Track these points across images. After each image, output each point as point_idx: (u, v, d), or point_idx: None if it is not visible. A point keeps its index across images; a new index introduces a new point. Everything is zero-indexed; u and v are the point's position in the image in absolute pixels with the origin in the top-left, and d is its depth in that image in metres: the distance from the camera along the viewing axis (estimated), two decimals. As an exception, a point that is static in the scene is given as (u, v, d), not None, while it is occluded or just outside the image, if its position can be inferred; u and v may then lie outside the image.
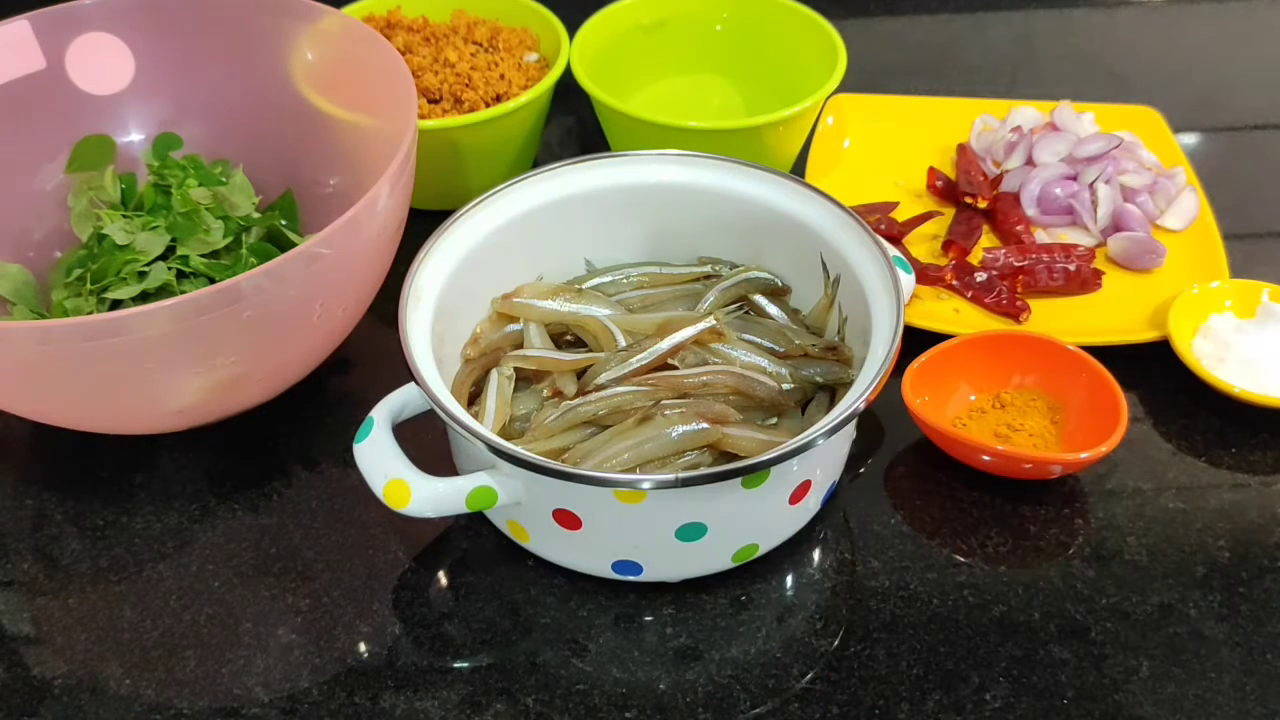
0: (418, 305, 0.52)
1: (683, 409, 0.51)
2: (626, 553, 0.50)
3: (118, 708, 0.48)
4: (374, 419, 0.48)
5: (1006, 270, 0.67)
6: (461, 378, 0.55)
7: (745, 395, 0.53)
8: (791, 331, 0.57)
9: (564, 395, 0.53)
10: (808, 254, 0.57)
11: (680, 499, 0.47)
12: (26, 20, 0.62)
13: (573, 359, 0.54)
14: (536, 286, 0.57)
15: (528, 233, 0.58)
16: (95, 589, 0.53)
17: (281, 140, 0.67)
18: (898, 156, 0.77)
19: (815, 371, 0.55)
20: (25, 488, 0.58)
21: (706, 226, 0.60)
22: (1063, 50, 0.92)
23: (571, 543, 0.50)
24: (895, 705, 0.48)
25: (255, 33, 0.65)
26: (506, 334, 0.57)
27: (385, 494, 0.46)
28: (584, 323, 0.56)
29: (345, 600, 0.52)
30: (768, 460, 0.45)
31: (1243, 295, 0.63)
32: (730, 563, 0.51)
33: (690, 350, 0.54)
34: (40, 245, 0.64)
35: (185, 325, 0.46)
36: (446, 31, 0.75)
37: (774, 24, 0.77)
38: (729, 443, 0.50)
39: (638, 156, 0.59)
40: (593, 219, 0.60)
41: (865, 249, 0.54)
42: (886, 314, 0.51)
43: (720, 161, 0.58)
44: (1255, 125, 0.83)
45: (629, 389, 0.52)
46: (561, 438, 0.51)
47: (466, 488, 0.47)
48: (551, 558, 0.52)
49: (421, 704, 0.48)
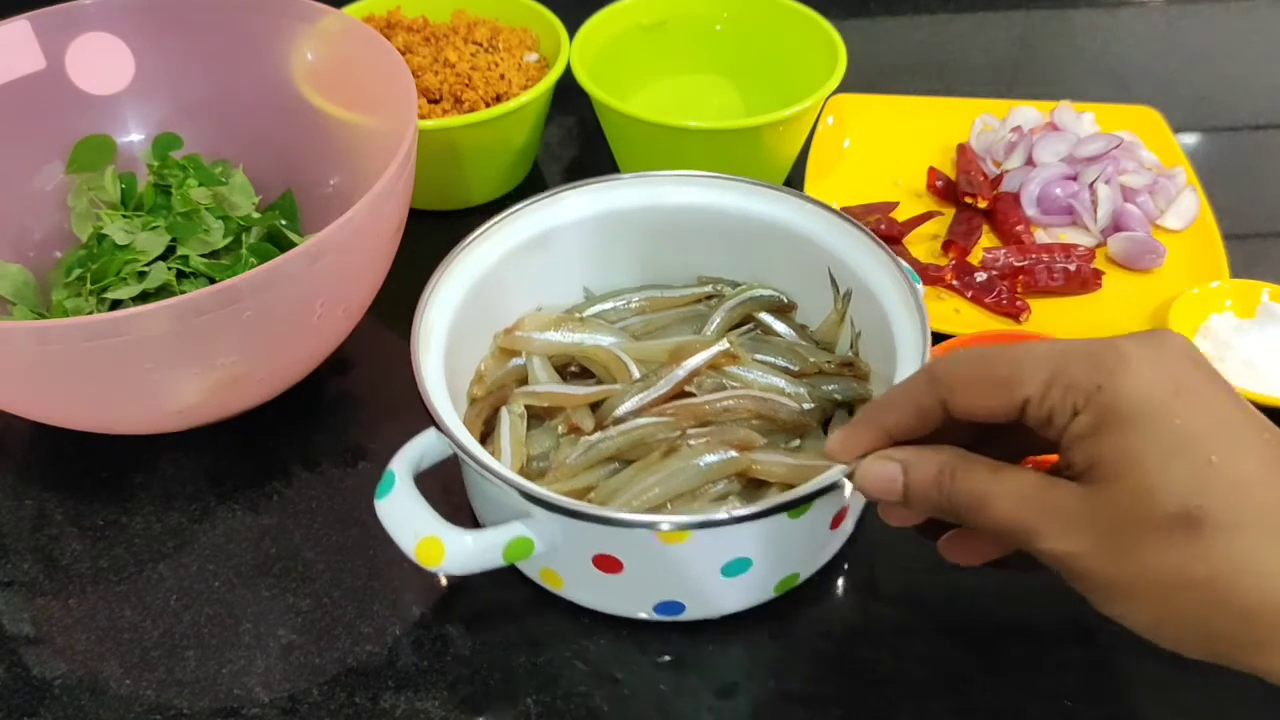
0: (428, 347, 0.50)
1: (708, 438, 0.49)
2: (669, 593, 0.48)
3: (118, 708, 0.48)
4: (394, 473, 0.45)
5: (1006, 270, 0.67)
6: (470, 418, 0.52)
7: (768, 419, 0.51)
8: (803, 349, 0.56)
9: (581, 431, 0.51)
10: (809, 267, 0.56)
11: (726, 535, 0.45)
12: (26, 20, 0.62)
13: (586, 393, 0.53)
14: (538, 318, 0.56)
15: (524, 264, 0.56)
16: (95, 589, 0.53)
17: (281, 140, 0.66)
18: (898, 156, 0.77)
19: (833, 389, 0.53)
20: (25, 488, 0.58)
21: (704, 245, 0.59)
22: (1063, 50, 0.92)
23: (611, 587, 0.48)
24: (899, 708, 0.48)
25: (255, 33, 0.65)
26: (510, 369, 0.55)
27: (417, 553, 0.44)
28: (591, 353, 0.55)
29: (345, 600, 0.52)
30: (820, 489, 0.43)
31: (1243, 295, 0.63)
32: (772, 594, 0.50)
33: (706, 375, 0.52)
34: (40, 245, 0.64)
35: (185, 325, 0.46)
36: (446, 31, 0.75)
37: (774, 24, 0.77)
38: (758, 469, 0.49)
39: (632, 179, 0.57)
40: (588, 245, 0.58)
41: (875, 260, 0.53)
42: (910, 330, 0.49)
43: (715, 179, 0.57)
44: (1255, 125, 0.83)
45: (650, 420, 0.50)
46: (585, 476, 0.50)
47: (502, 540, 0.45)
48: (590, 604, 0.50)
49: (421, 704, 0.48)
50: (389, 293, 0.59)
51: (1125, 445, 0.35)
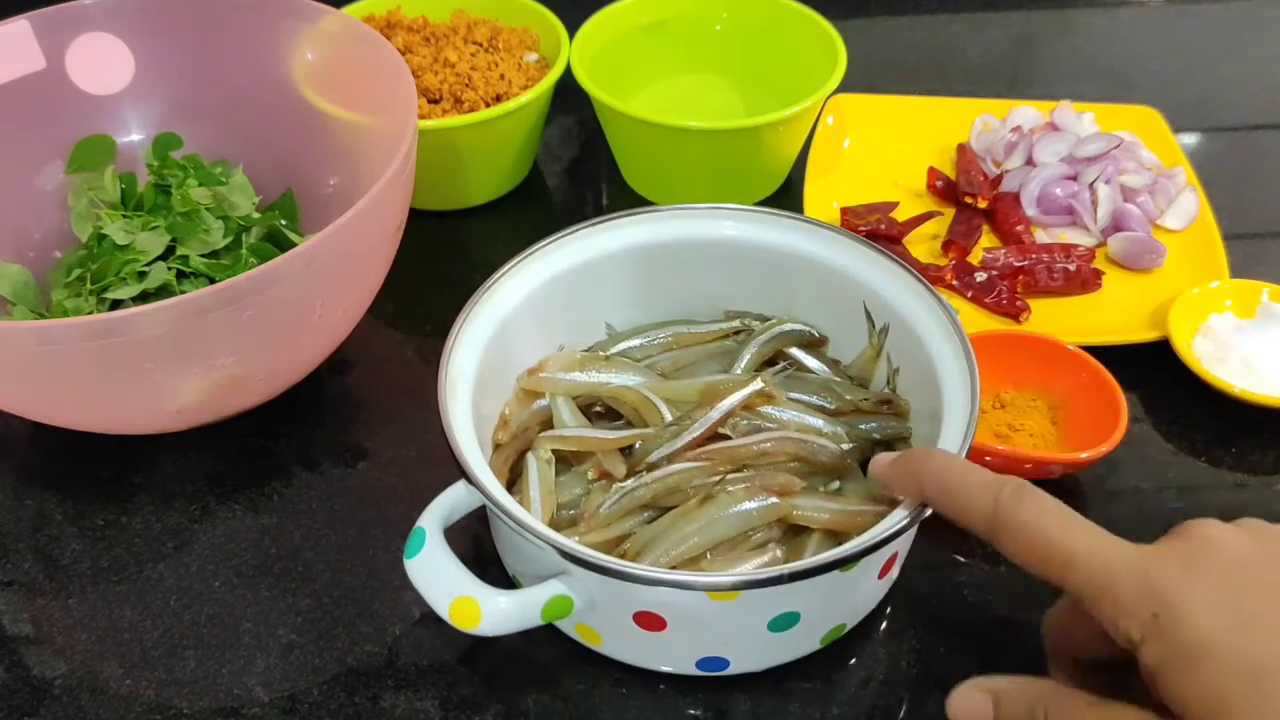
0: (456, 395, 0.47)
1: (746, 484, 0.47)
2: (713, 649, 0.46)
3: (118, 708, 0.48)
4: (425, 530, 0.43)
5: (1006, 270, 0.67)
6: (496, 464, 0.51)
7: (806, 461, 0.49)
8: (839, 385, 0.54)
9: (613, 477, 0.49)
10: (839, 300, 0.55)
11: (775, 589, 0.43)
12: (26, 20, 0.62)
13: (616, 437, 0.50)
14: (561, 358, 0.54)
15: (546, 304, 0.54)
16: (95, 589, 0.53)
17: (281, 140, 0.66)
18: (898, 156, 0.77)
19: (872, 428, 0.52)
20: (25, 488, 0.58)
21: (729, 279, 0.57)
22: (1063, 50, 0.92)
23: (653, 644, 0.46)
24: (895, 705, 0.48)
25: (255, 33, 0.65)
26: (535, 412, 0.53)
27: (451, 614, 0.42)
28: (618, 395, 0.52)
29: (345, 600, 0.52)
30: (879, 541, 0.41)
31: (1243, 295, 0.63)
32: (819, 645, 0.48)
33: (740, 416, 0.50)
34: (40, 245, 0.64)
35: (185, 325, 0.46)
36: (446, 31, 0.75)
37: (774, 24, 0.77)
38: (799, 516, 0.47)
39: (653, 213, 0.56)
40: (611, 281, 0.56)
41: (913, 294, 0.52)
42: (955, 369, 0.48)
43: (741, 211, 0.56)
44: (1255, 125, 0.83)
45: (685, 466, 0.48)
46: (618, 525, 0.48)
47: (540, 600, 0.43)
48: (629, 660, 0.48)
49: (421, 704, 0.48)
50: (389, 293, 0.59)
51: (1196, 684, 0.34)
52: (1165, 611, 0.35)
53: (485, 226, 0.74)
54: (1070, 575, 0.37)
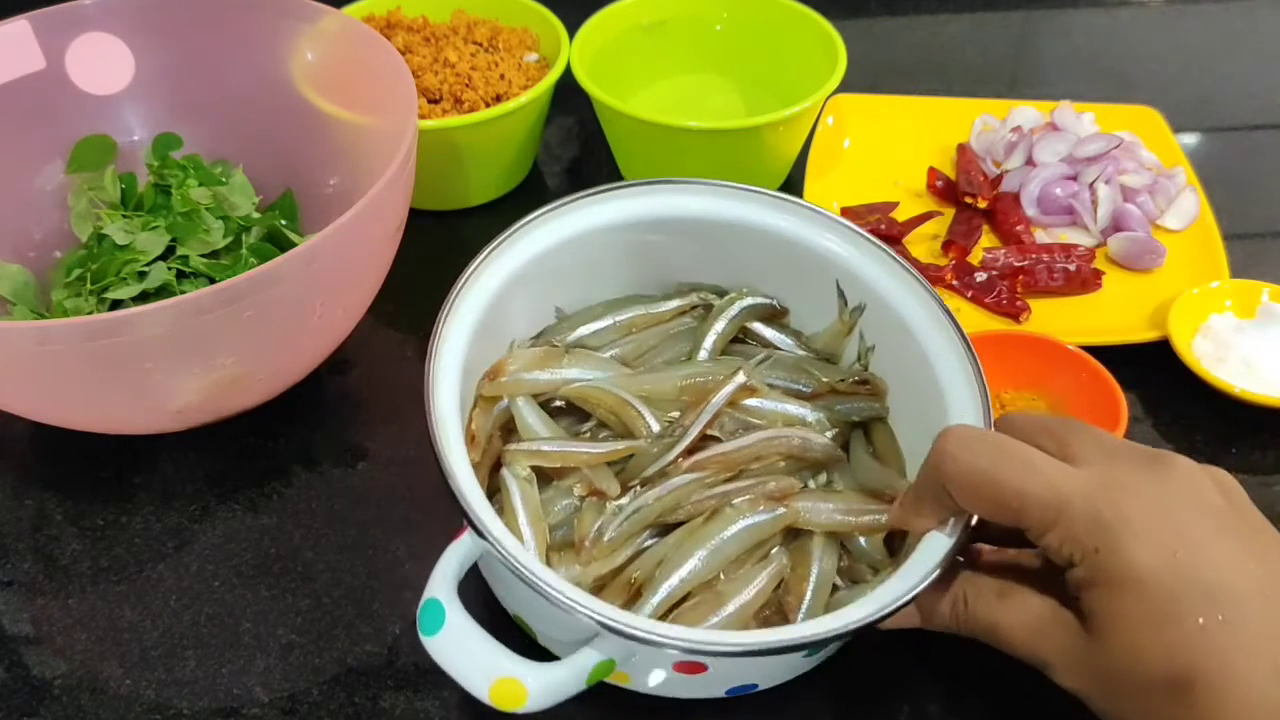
0: (449, 440, 0.42)
1: (750, 495, 0.46)
2: (747, 679, 0.45)
3: (118, 708, 0.48)
4: (440, 602, 0.38)
5: (1006, 270, 0.67)
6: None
7: (798, 459, 0.49)
8: (811, 365, 0.52)
9: (604, 495, 0.46)
10: (792, 267, 0.53)
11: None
12: (26, 20, 0.62)
13: (603, 451, 0.47)
14: (520, 357, 0.50)
15: (501, 307, 0.50)
16: (95, 589, 0.53)
17: (281, 140, 0.66)
18: (898, 156, 0.77)
19: (849, 409, 0.51)
20: (25, 488, 0.58)
21: (682, 251, 0.55)
22: (1063, 50, 0.92)
23: (689, 683, 0.44)
24: (896, 708, 0.48)
25: (255, 33, 0.65)
26: (495, 417, 0.49)
27: (492, 698, 0.37)
28: (590, 395, 0.49)
29: (345, 600, 0.52)
30: (910, 598, 0.39)
31: (1243, 295, 0.63)
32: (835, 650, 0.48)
33: (725, 414, 0.49)
34: (40, 245, 0.64)
35: (185, 325, 0.46)
36: (446, 31, 0.75)
37: (774, 24, 0.77)
38: (805, 521, 0.46)
39: (602, 194, 0.52)
40: (561, 267, 0.53)
41: (878, 263, 0.51)
42: (959, 376, 0.46)
43: (686, 184, 0.53)
44: (1255, 125, 0.83)
45: (684, 480, 0.46)
46: (622, 551, 0.45)
47: (585, 667, 0.39)
48: (660, 693, 0.46)
49: (421, 704, 0.48)
50: (389, 293, 0.59)
51: (1117, 608, 0.37)
52: (1106, 545, 0.37)
53: (485, 226, 0.73)
54: (1023, 518, 0.39)
